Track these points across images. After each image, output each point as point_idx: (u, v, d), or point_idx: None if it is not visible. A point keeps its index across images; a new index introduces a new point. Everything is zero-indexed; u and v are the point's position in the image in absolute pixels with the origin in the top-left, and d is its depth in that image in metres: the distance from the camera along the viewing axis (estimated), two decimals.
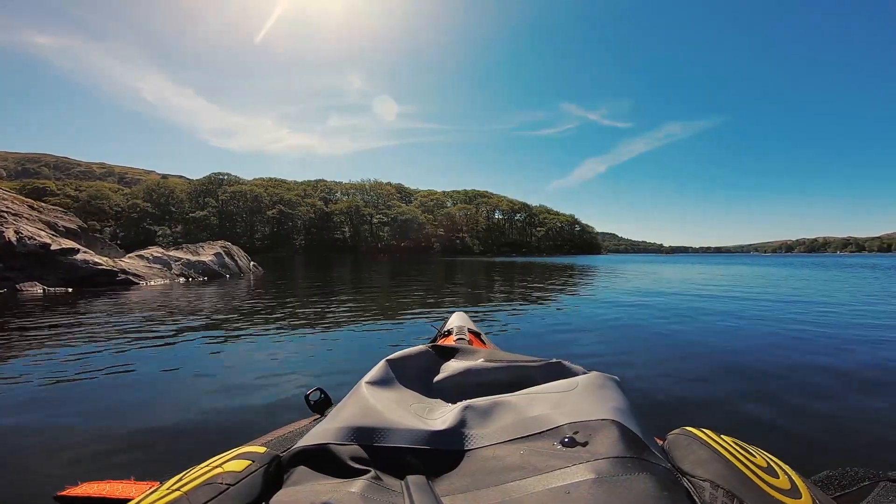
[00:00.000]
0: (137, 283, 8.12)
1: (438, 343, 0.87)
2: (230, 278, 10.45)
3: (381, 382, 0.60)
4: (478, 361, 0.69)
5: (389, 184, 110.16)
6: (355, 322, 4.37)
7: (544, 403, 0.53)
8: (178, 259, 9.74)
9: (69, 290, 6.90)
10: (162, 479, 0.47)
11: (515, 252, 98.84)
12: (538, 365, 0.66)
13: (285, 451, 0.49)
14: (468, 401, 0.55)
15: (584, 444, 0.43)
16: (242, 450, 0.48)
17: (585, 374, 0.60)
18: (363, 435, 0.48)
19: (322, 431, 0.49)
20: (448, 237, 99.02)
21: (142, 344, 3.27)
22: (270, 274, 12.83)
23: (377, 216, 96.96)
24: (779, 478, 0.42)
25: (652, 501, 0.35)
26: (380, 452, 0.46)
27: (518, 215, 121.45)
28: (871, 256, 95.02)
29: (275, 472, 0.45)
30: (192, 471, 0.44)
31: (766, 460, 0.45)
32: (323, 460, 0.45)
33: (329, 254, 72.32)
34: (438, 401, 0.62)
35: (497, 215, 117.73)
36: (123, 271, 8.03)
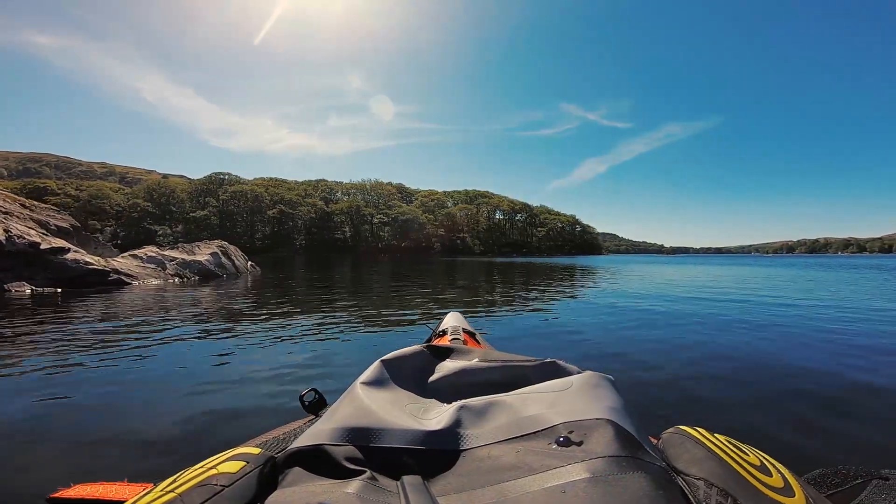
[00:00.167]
0: (130, 284, 7.92)
1: (433, 343, 0.86)
2: (227, 278, 10.26)
3: (375, 383, 0.60)
4: (472, 361, 0.69)
5: (390, 184, 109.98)
6: (351, 323, 4.31)
7: (539, 403, 0.53)
8: (174, 259, 9.55)
9: (58, 291, 6.70)
10: (156, 480, 0.47)
11: (516, 252, 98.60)
12: (533, 365, 0.66)
13: (280, 452, 0.48)
14: (463, 401, 0.55)
15: (580, 444, 0.43)
16: (237, 451, 0.47)
17: (580, 373, 0.60)
18: (358, 435, 0.47)
19: (317, 432, 0.48)
20: (449, 237, 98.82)
21: (129, 345, 3.18)
22: (269, 274, 12.66)
23: (378, 216, 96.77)
24: (772, 476, 0.42)
25: (647, 500, 0.35)
26: (375, 453, 0.46)
27: (519, 215, 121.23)
28: (872, 257, 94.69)
29: (269, 473, 0.45)
30: (187, 472, 0.44)
31: (759, 459, 0.45)
32: (318, 461, 0.45)
33: (329, 254, 72.21)
34: (433, 401, 0.61)
35: (498, 215, 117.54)
36: (116, 271, 7.83)
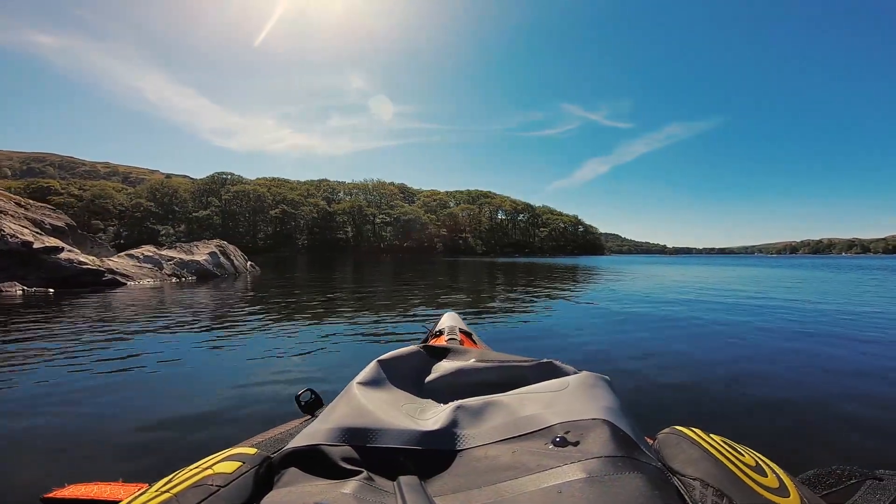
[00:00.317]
0: (125, 284, 7.76)
1: (430, 343, 0.85)
2: (225, 278, 10.09)
3: (372, 383, 0.60)
4: (469, 361, 0.69)
5: (392, 184, 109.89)
6: (349, 323, 4.22)
7: (536, 403, 0.53)
8: (171, 258, 9.39)
9: (49, 291, 6.54)
10: (151, 481, 0.46)
11: (518, 252, 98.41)
12: (529, 365, 0.66)
13: (276, 452, 0.48)
14: (460, 401, 0.55)
15: (576, 444, 0.43)
16: (232, 451, 0.47)
17: (577, 373, 0.60)
18: (355, 435, 0.47)
19: (313, 432, 0.48)
20: (451, 237, 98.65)
21: (122, 345, 3.14)
22: (268, 274, 12.50)
23: (380, 216, 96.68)
24: (767, 476, 0.42)
25: (643, 500, 0.35)
26: (371, 453, 0.46)
27: (521, 216, 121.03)
28: (876, 258, 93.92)
29: (265, 473, 0.44)
30: (182, 472, 0.44)
31: (754, 459, 0.45)
32: (314, 461, 0.45)
33: (331, 254, 72.16)
34: (430, 401, 0.61)
35: (500, 216, 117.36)
36: (110, 271, 7.67)
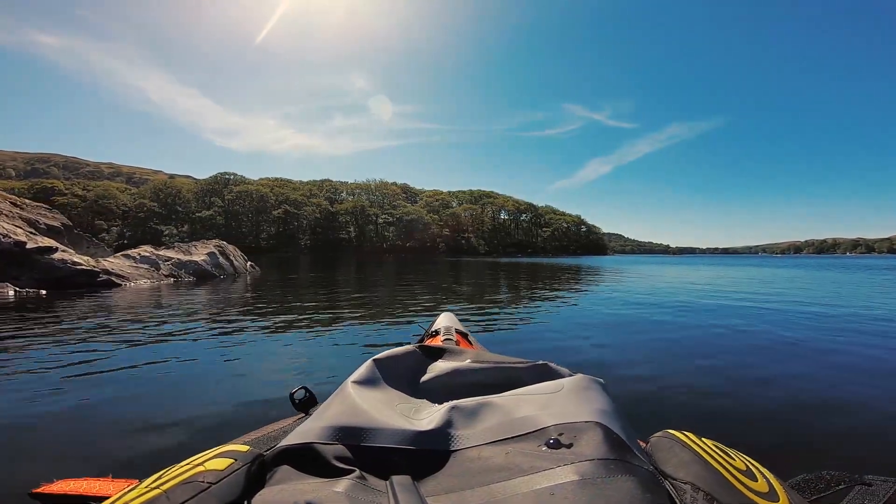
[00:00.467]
0: (121, 285, 7.59)
1: (426, 343, 0.85)
2: (224, 279, 9.90)
3: (367, 382, 0.59)
4: (465, 362, 0.69)
5: (395, 184, 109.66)
6: (346, 323, 4.14)
7: (530, 405, 0.53)
8: (168, 259, 9.22)
9: (42, 293, 6.37)
10: (141, 477, 0.46)
11: (521, 252, 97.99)
12: (525, 366, 0.66)
13: (268, 449, 0.48)
14: (455, 401, 0.55)
15: (569, 446, 0.44)
16: (224, 448, 0.47)
17: (571, 376, 0.60)
18: (348, 434, 0.47)
19: (306, 430, 0.48)
20: (453, 237, 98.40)
21: (109, 346, 3.11)
22: (269, 274, 12.31)
23: (382, 216, 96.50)
24: (757, 481, 0.42)
25: (634, 503, 0.35)
26: (365, 452, 0.46)
27: (524, 216, 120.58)
28: (881, 258, 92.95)
29: (257, 471, 0.44)
30: (173, 469, 0.43)
31: (745, 463, 0.45)
32: (307, 459, 0.44)
33: (334, 254, 72.07)
34: (425, 401, 0.61)
35: (503, 215, 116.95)
36: (106, 271, 7.50)
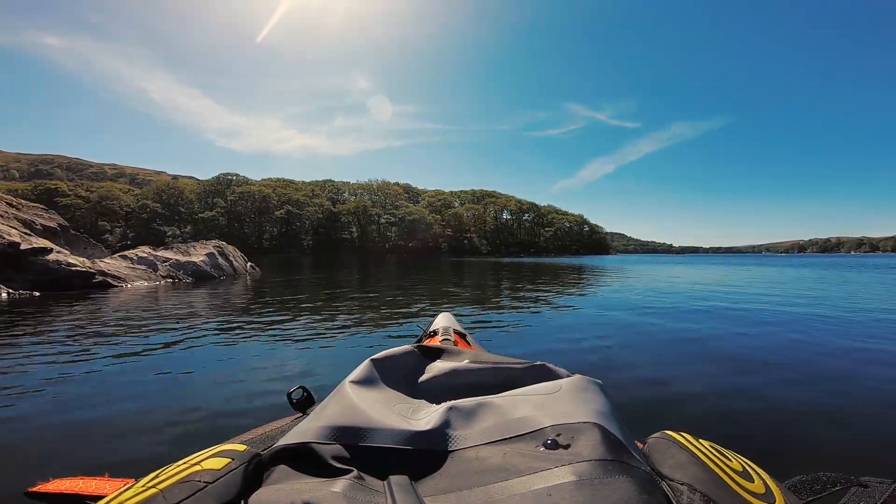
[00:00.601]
0: (117, 286, 7.46)
1: (424, 343, 0.85)
2: (223, 280, 9.78)
3: (365, 382, 0.59)
4: (463, 362, 0.69)
5: (397, 184, 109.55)
6: (344, 323, 4.12)
7: (528, 405, 0.53)
8: (167, 259, 9.09)
9: (35, 294, 6.24)
10: (137, 476, 0.45)
11: (524, 252, 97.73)
12: (523, 367, 0.66)
13: (266, 449, 0.48)
14: (452, 402, 0.55)
15: (567, 447, 0.44)
16: (222, 447, 0.47)
17: (569, 376, 0.60)
18: (346, 434, 0.47)
19: (304, 430, 0.48)
20: (456, 237, 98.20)
21: (100, 348, 3.12)
22: (269, 275, 12.20)
23: (385, 216, 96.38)
24: (754, 482, 0.43)
25: None
26: (362, 452, 0.46)
27: (526, 215, 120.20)
28: (886, 256, 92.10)
29: (255, 470, 0.44)
30: (169, 468, 0.43)
31: (741, 464, 0.46)
32: (304, 459, 0.44)
33: (336, 254, 72.01)
34: (423, 401, 0.61)
35: (505, 215, 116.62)
36: (101, 273, 7.37)
